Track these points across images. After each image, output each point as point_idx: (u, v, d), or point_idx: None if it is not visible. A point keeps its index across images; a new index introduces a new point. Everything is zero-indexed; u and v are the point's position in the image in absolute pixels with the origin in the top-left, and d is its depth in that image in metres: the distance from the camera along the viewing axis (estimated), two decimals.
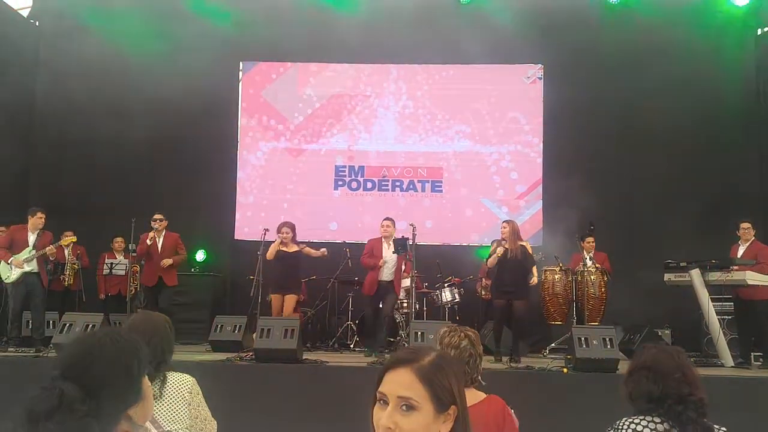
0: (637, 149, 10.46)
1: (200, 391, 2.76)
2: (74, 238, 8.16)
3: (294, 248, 8.28)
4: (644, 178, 10.39)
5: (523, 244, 7.84)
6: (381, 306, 8.28)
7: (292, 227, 8.32)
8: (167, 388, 2.63)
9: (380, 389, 1.43)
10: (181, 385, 2.67)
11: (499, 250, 7.70)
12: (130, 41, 10.53)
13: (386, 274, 8.22)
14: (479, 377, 2.62)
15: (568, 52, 10.64)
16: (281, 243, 8.12)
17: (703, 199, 9.92)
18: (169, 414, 2.59)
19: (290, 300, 8.17)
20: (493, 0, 10.90)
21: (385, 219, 8.51)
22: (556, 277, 8.80)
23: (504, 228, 7.88)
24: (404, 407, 1.39)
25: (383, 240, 8.32)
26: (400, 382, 1.40)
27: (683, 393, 2.18)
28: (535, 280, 8.27)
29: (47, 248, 7.79)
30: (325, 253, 8.40)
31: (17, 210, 9.48)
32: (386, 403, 1.41)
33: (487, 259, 8.22)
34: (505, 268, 7.74)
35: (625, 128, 10.48)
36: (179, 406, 2.62)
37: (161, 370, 2.65)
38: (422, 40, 10.72)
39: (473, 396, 2.52)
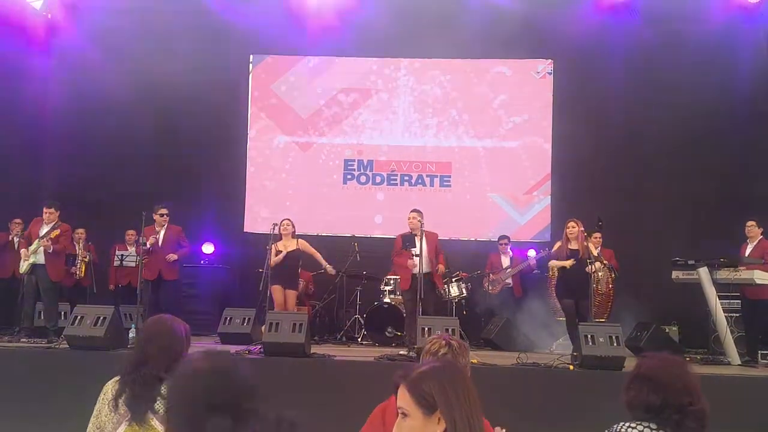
0: (646, 144, 10.43)
1: None
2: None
3: (294, 245, 8.30)
4: (654, 173, 10.36)
5: (590, 244, 7.62)
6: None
7: (292, 222, 8.38)
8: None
9: None
10: None
11: (568, 262, 7.50)
12: (141, 35, 10.59)
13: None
14: None
15: (578, 47, 10.60)
16: (276, 252, 8.13)
17: (714, 196, 9.89)
18: None
19: (291, 296, 8.26)
20: None
21: (411, 211, 8.07)
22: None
23: (573, 228, 7.59)
24: (402, 416, 1.69)
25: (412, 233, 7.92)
26: (399, 396, 1.71)
27: (683, 403, 2.18)
28: (600, 275, 8.17)
29: (39, 240, 7.79)
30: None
31: (31, 203, 9.58)
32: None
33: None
34: (572, 267, 7.53)
35: (634, 123, 10.44)
36: None
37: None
38: (432, 35, 10.72)
39: None
